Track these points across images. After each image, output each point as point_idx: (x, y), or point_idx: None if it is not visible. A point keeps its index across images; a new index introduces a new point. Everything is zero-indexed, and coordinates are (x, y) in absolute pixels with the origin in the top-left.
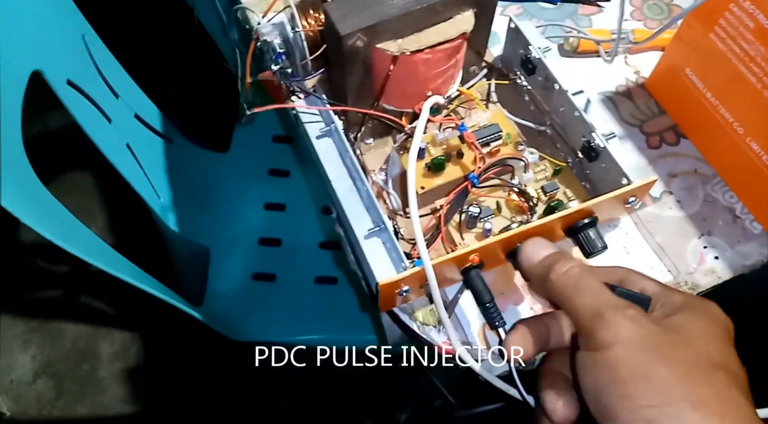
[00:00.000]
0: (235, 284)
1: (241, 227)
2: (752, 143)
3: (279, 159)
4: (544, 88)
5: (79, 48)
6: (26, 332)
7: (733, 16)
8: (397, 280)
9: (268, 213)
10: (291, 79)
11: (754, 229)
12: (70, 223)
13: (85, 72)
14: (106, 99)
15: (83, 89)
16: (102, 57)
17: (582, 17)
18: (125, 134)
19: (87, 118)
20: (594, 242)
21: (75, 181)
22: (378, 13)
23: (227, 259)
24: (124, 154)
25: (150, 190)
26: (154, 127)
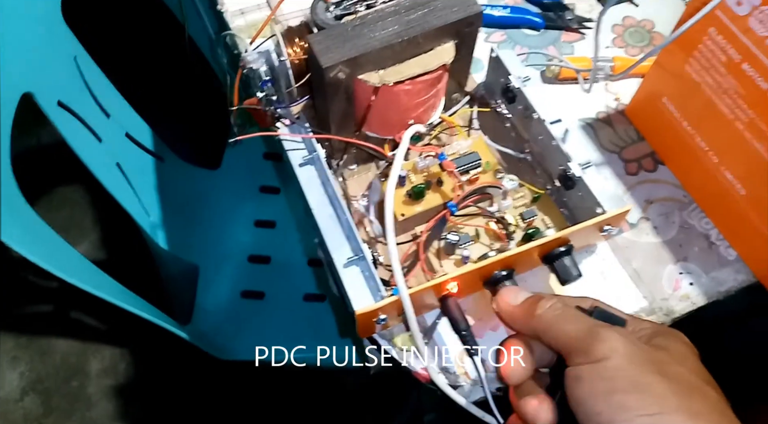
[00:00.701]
0: (224, 301)
1: (231, 244)
2: (726, 172)
3: (270, 176)
4: (523, 117)
5: (70, 69)
6: (15, 348)
7: (706, 48)
8: (375, 309)
9: (258, 230)
10: (276, 106)
11: (729, 255)
12: (54, 243)
13: (76, 93)
14: (96, 118)
15: (74, 110)
16: (93, 77)
17: (565, 44)
18: (115, 153)
19: (76, 137)
20: (569, 270)
21: (67, 195)
22: (360, 46)
23: (216, 276)
24: (114, 173)
25: (139, 208)
26: (144, 146)
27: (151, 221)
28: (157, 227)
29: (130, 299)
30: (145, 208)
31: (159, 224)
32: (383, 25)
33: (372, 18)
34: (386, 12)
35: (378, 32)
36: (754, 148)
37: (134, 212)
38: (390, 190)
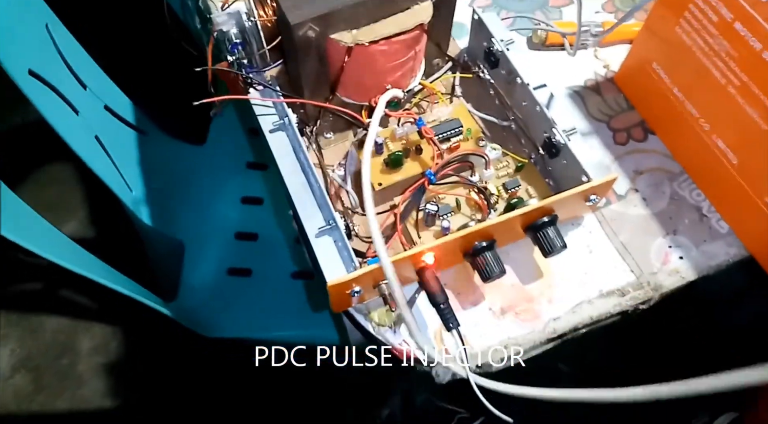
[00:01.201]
0: (210, 279)
1: (217, 220)
2: (718, 140)
3: (257, 152)
4: (507, 82)
5: (41, 36)
6: (5, 326)
7: (697, 8)
8: (348, 280)
9: (245, 207)
10: (247, 70)
11: (721, 228)
12: (37, 223)
13: (49, 62)
14: (72, 90)
15: (47, 80)
16: (68, 46)
17: (553, 9)
18: (94, 126)
19: (51, 109)
20: (553, 241)
21: (55, 173)
22: (330, 2)
23: (202, 253)
24: (93, 147)
25: (121, 184)
26: (126, 120)
27: (133, 196)
28: (141, 203)
29: (114, 277)
30: (128, 183)
31: (142, 199)
32: None
33: None
34: None
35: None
36: (747, 114)
37: (115, 186)
38: (366, 157)
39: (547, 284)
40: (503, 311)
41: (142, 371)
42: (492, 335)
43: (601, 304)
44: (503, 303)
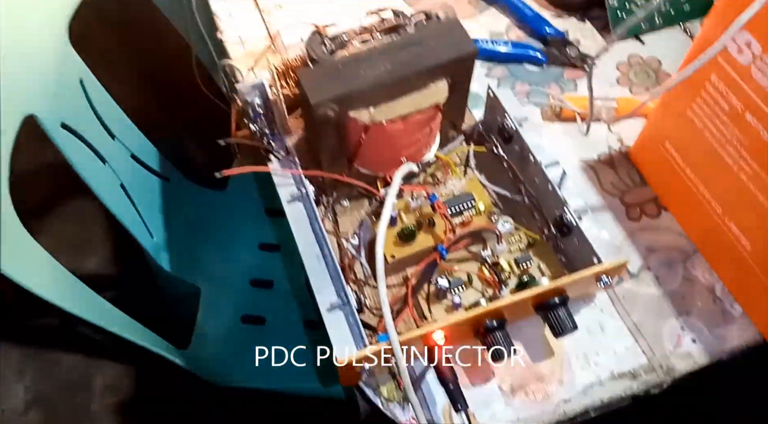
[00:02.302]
0: (224, 326)
1: (234, 266)
2: (731, 224)
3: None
4: (520, 158)
5: (76, 91)
6: (21, 361)
7: (709, 95)
8: (358, 358)
9: (262, 253)
10: (268, 139)
11: (735, 311)
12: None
13: (80, 115)
14: (101, 140)
15: (78, 131)
16: (99, 99)
17: (568, 81)
18: (120, 175)
19: (80, 159)
20: (564, 323)
21: (78, 210)
22: (350, 83)
23: (218, 300)
24: (118, 195)
25: (143, 230)
26: (150, 167)
27: (154, 242)
28: (161, 249)
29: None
30: (149, 229)
31: (163, 245)
32: (375, 62)
33: (364, 55)
34: (378, 49)
35: (369, 70)
36: (759, 202)
37: (137, 233)
38: (381, 235)
39: (558, 363)
40: (513, 389)
41: (154, 412)
42: (502, 416)
43: (612, 386)
44: (513, 381)
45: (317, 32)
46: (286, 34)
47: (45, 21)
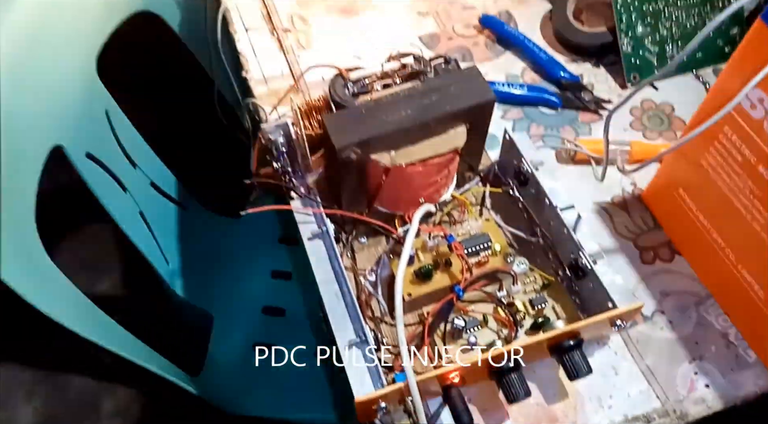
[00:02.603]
0: (236, 353)
1: (247, 294)
2: (744, 271)
3: (290, 227)
4: (535, 201)
5: (101, 122)
6: (32, 382)
7: (722, 146)
8: (375, 397)
9: (275, 281)
10: (290, 178)
11: (749, 357)
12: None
13: (105, 145)
14: (123, 169)
15: (102, 161)
16: (123, 130)
17: (582, 124)
18: (140, 202)
19: (102, 187)
20: (579, 366)
21: (92, 233)
22: (373, 128)
23: (230, 327)
24: (137, 222)
25: (159, 257)
26: (169, 194)
27: (170, 268)
28: (176, 275)
29: (140, 351)
30: (165, 256)
31: (178, 272)
32: (397, 108)
33: (387, 100)
34: (400, 95)
35: (391, 115)
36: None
37: (154, 259)
38: (400, 275)
39: (571, 406)
40: None
41: None
42: None
43: None
44: (527, 422)
45: (340, 75)
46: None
47: (75, 56)
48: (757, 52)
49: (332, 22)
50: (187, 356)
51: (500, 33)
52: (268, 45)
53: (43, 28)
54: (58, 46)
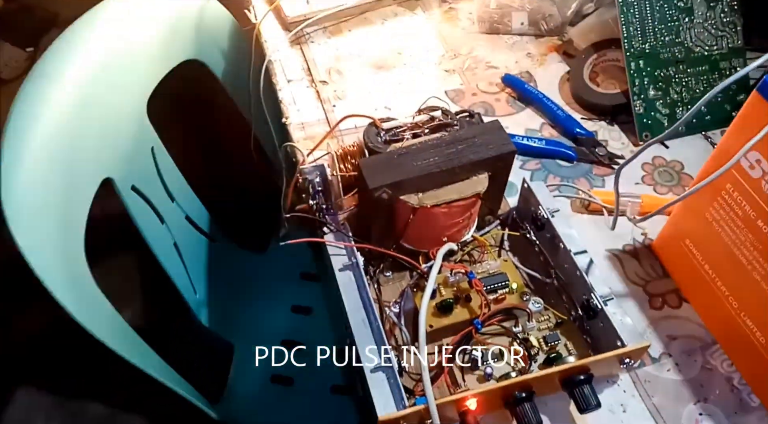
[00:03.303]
0: (254, 384)
1: (267, 327)
2: (746, 319)
3: (310, 264)
4: (550, 245)
5: (147, 158)
6: (51, 407)
7: (725, 201)
8: (397, 417)
9: (295, 316)
10: (324, 214)
11: (752, 401)
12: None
13: (149, 179)
14: (163, 202)
15: (145, 194)
16: (165, 165)
17: (596, 177)
18: (175, 234)
19: (144, 219)
20: (588, 399)
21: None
22: (403, 172)
23: (250, 358)
24: (171, 253)
25: (189, 287)
26: (201, 228)
27: (197, 298)
28: (202, 305)
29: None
30: (194, 286)
31: (204, 302)
32: (425, 155)
33: (416, 148)
34: (429, 144)
35: (420, 161)
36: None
37: (184, 289)
38: (424, 307)
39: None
40: None
41: None
42: None
43: None
44: None
45: (373, 124)
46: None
47: (130, 97)
48: (754, 119)
49: (366, 76)
50: (208, 384)
51: (521, 91)
52: (307, 95)
53: (106, 71)
54: (117, 88)
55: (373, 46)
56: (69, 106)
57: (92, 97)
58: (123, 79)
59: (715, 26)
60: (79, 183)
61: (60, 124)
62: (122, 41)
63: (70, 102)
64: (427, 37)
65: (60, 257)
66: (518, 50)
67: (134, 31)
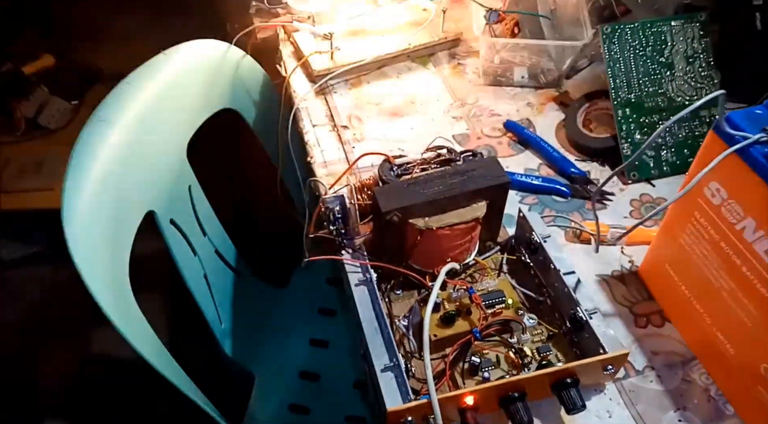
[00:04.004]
0: (273, 413)
1: (287, 358)
2: (718, 333)
3: (329, 300)
4: (543, 266)
5: (184, 195)
6: None
7: (694, 227)
8: (403, 409)
9: (312, 348)
10: (343, 237)
11: (727, 410)
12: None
13: (185, 214)
14: (196, 236)
15: (181, 228)
16: (200, 202)
17: (588, 211)
18: (205, 266)
19: (179, 251)
20: (575, 400)
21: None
22: (411, 198)
23: (269, 387)
24: (201, 283)
25: (215, 316)
26: (229, 262)
27: (222, 329)
28: (226, 335)
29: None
30: (220, 316)
31: (228, 332)
32: (431, 185)
33: (423, 179)
34: (435, 175)
35: (427, 190)
36: (737, 314)
37: (211, 319)
38: (428, 313)
39: None
40: None
41: None
42: None
43: None
44: None
45: (387, 161)
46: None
47: (173, 140)
48: (711, 153)
49: (382, 121)
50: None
51: (521, 135)
52: (330, 137)
53: (154, 117)
54: (162, 133)
55: (389, 96)
56: (121, 146)
57: (141, 140)
58: (167, 126)
59: (694, 79)
60: (126, 214)
61: (113, 161)
62: (168, 92)
63: (123, 143)
64: (437, 88)
65: (108, 275)
66: (519, 100)
67: (179, 83)
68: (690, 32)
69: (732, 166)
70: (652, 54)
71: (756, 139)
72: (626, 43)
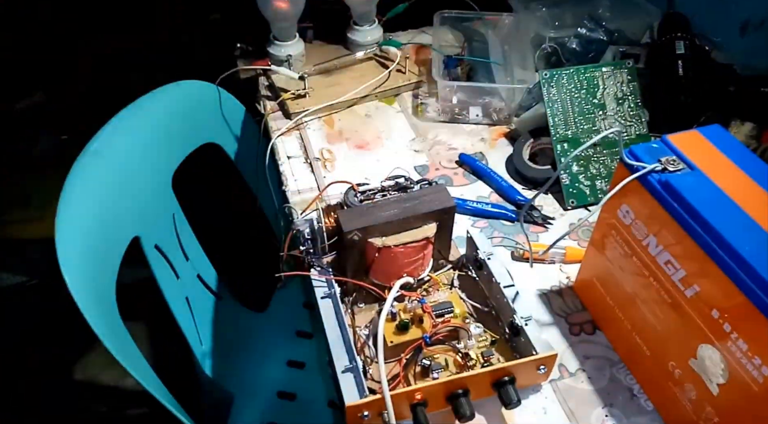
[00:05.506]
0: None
1: (265, 378)
2: (636, 337)
3: (305, 323)
4: (488, 281)
5: (168, 222)
6: None
7: (612, 245)
8: (360, 404)
9: (290, 369)
10: (312, 256)
11: (647, 406)
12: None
13: (169, 240)
14: (179, 261)
15: (165, 252)
16: (183, 229)
17: (532, 233)
18: (187, 289)
19: (162, 274)
20: (511, 396)
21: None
22: (370, 220)
23: (248, 406)
24: (183, 305)
25: (196, 338)
26: (209, 285)
27: (203, 349)
28: (207, 356)
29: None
30: (201, 338)
31: (208, 353)
32: (388, 208)
33: (381, 203)
34: (391, 200)
35: (384, 212)
36: (650, 320)
37: (192, 340)
38: (382, 318)
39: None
40: None
41: None
42: None
43: None
44: None
45: (352, 188)
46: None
47: (159, 171)
48: (619, 181)
49: (351, 154)
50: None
51: (474, 167)
52: (303, 168)
53: (142, 150)
54: (149, 165)
55: (358, 131)
56: (112, 176)
57: (129, 171)
58: (154, 158)
59: (624, 118)
60: (114, 238)
61: (103, 190)
62: (156, 128)
63: (113, 173)
64: (401, 124)
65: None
66: (474, 136)
67: (165, 120)
68: (619, 77)
69: (636, 191)
70: (586, 96)
71: (651, 168)
72: (563, 86)
